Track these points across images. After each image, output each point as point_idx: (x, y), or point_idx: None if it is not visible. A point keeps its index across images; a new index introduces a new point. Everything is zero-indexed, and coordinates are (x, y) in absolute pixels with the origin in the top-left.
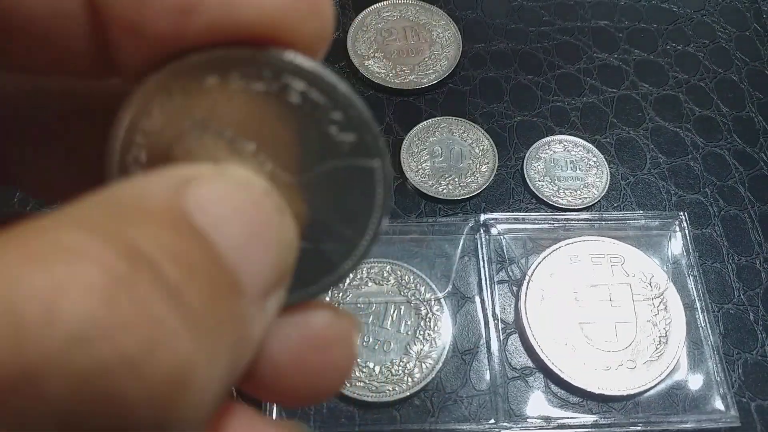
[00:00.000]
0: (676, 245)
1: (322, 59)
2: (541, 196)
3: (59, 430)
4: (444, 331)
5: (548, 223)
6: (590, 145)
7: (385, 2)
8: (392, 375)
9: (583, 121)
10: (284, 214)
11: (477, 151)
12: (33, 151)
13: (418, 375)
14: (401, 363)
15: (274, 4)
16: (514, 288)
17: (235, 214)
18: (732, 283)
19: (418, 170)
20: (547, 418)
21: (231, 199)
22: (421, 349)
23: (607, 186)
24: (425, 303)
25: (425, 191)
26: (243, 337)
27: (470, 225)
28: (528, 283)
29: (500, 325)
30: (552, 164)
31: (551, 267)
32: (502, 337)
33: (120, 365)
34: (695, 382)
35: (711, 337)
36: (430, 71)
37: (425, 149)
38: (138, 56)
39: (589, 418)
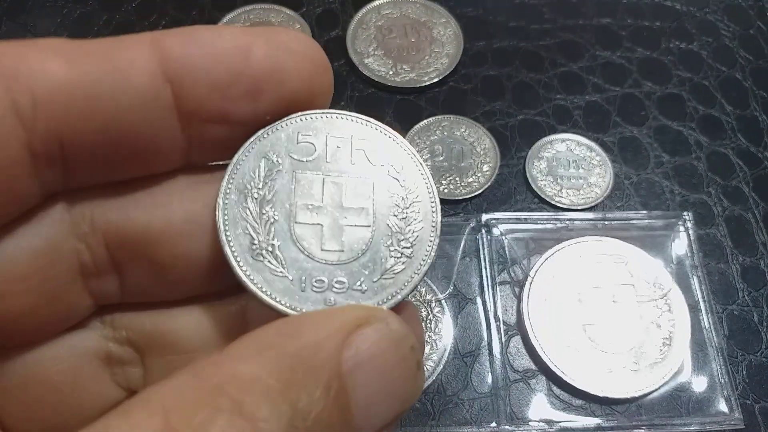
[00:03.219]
0: (679, 245)
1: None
2: (543, 196)
3: None
4: (445, 332)
5: (551, 224)
6: (593, 144)
7: None
8: None
9: (585, 119)
10: (420, 368)
11: (478, 150)
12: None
13: None
14: None
15: (309, 73)
16: (516, 289)
17: (381, 375)
18: (736, 284)
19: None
20: (549, 422)
21: (386, 358)
22: None
23: (610, 185)
24: (426, 304)
25: None
26: None
27: (471, 225)
28: (530, 284)
29: (502, 327)
30: (554, 163)
31: (554, 268)
32: (503, 339)
33: None
34: (699, 384)
35: (715, 338)
36: (431, 69)
37: (426, 148)
38: (221, 139)
39: (592, 421)
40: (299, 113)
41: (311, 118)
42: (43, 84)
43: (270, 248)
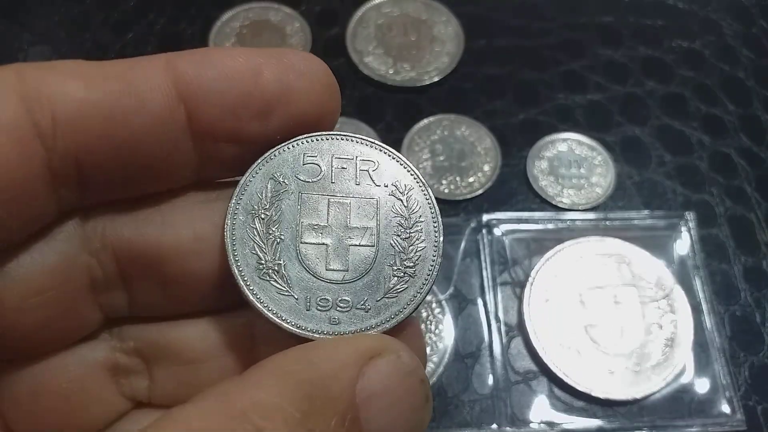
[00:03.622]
0: (681, 246)
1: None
2: (544, 196)
3: None
4: (445, 333)
5: (552, 224)
6: (595, 143)
7: None
8: None
9: (587, 118)
10: (429, 401)
11: (479, 149)
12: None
13: None
14: None
15: (318, 95)
16: (517, 290)
17: (392, 406)
18: (738, 285)
19: (418, 169)
20: (550, 423)
21: (397, 390)
22: None
23: (611, 185)
24: (426, 305)
25: None
26: None
27: (472, 226)
28: (531, 284)
29: (503, 328)
30: (556, 163)
31: (555, 268)
32: (504, 340)
33: None
34: (701, 385)
35: (717, 339)
36: (431, 68)
37: (426, 148)
38: (232, 156)
39: (594, 423)
40: (305, 135)
41: (317, 139)
42: (63, 105)
43: (276, 268)
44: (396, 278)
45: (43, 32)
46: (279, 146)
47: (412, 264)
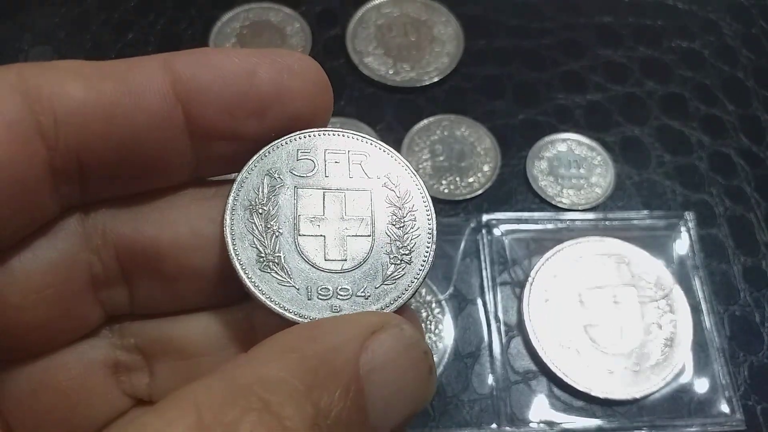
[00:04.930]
0: (681, 246)
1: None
2: (544, 196)
3: None
4: (445, 333)
5: (552, 224)
6: (594, 143)
7: None
8: None
9: (587, 119)
10: (433, 372)
11: (479, 150)
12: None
13: None
14: None
15: (311, 93)
16: (517, 290)
17: (396, 378)
18: (738, 285)
19: (418, 170)
20: (550, 423)
21: (400, 362)
22: None
23: (611, 185)
24: (426, 305)
25: None
26: None
27: (472, 225)
28: (531, 284)
29: (502, 328)
30: (555, 163)
31: (555, 268)
32: (504, 340)
33: None
34: (700, 385)
35: (717, 339)
36: (431, 68)
37: (426, 148)
38: (228, 154)
39: (593, 423)
40: (299, 132)
41: (310, 136)
42: (64, 105)
43: (276, 260)
44: (393, 266)
45: (44, 33)
46: (274, 143)
47: (407, 251)
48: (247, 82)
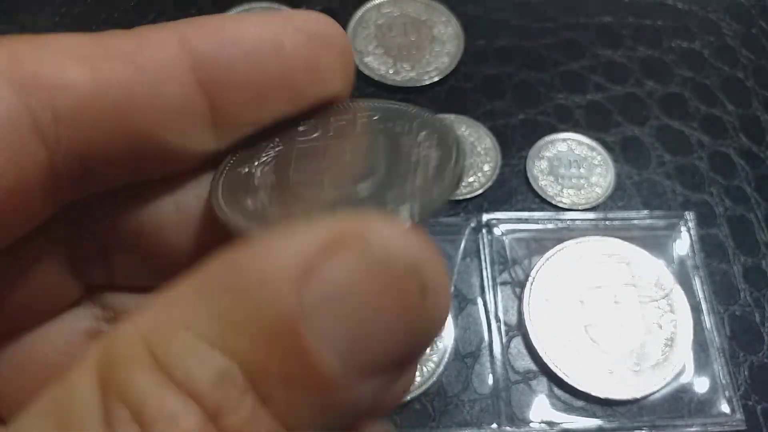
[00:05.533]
0: (681, 246)
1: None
2: (544, 196)
3: None
4: (445, 333)
5: (552, 224)
6: (594, 143)
7: None
8: None
9: (587, 119)
10: (427, 291)
11: (479, 149)
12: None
13: (418, 378)
14: None
15: (342, 65)
16: (517, 290)
17: (362, 313)
18: (738, 285)
19: None
20: (550, 423)
21: (366, 288)
22: None
23: (611, 185)
24: None
25: None
26: (343, 414)
27: (472, 225)
28: (531, 284)
29: (503, 328)
30: (556, 163)
31: (555, 268)
32: (504, 340)
33: None
34: (701, 385)
35: (717, 339)
36: (431, 68)
37: None
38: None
39: (593, 422)
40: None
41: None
42: (65, 96)
43: (264, 212)
44: None
45: (44, 32)
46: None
47: None
48: (275, 59)
